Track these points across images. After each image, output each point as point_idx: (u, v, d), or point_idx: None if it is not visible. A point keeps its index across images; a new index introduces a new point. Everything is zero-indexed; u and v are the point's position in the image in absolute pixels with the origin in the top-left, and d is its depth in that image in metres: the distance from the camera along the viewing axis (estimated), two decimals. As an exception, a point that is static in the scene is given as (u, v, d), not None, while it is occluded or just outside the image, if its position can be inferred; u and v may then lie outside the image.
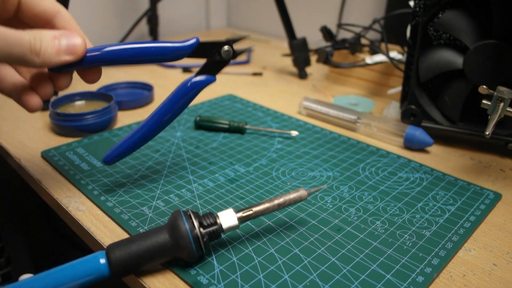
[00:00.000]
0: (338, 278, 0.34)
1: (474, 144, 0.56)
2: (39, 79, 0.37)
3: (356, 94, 0.73)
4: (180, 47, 0.39)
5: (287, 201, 0.36)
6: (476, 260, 0.37)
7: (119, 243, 0.32)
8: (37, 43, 0.32)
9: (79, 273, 0.30)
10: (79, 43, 0.34)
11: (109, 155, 0.42)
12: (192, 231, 0.32)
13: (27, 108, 0.37)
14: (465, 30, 0.50)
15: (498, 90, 0.44)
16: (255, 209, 0.35)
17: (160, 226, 0.33)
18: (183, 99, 0.41)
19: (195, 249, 0.32)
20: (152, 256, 0.32)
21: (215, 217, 0.34)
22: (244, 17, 1.26)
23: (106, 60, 0.37)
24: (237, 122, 0.57)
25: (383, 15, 0.88)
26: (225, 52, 0.41)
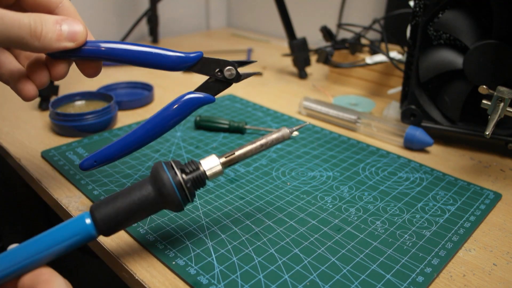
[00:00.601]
0: (338, 278, 0.34)
1: (474, 144, 0.56)
2: (35, 66, 0.36)
3: (356, 94, 0.73)
4: (181, 57, 0.37)
5: (269, 140, 0.35)
6: (476, 260, 0.37)
7: (103, 201, 0.31)
8: (38, 26, 0.31)
9: (65, 235, 0.29)
10: (80, 29, 0.34)
11: (86, 160, 0.39)
12: (174, 178, 0.31)
13: (22, 96, 0.36)
14: (465, 30, 0.50)
15: (498, 90, 0.44)
16: (237, 152, 0.34)
17: (142, 179, 0.33)
18: (175, 115, 0.38)
19: (180, 196, 0.32)
20: (137, 210, 0.31)
21: (198, 164, 0.33)
22: (244, 17, 1.26)
23: (105, 55, 0.36)
24: (237, 122, 0.57)
25: (383, 15, 0.88)
26: (227, 72, 0.39)
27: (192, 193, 0.33)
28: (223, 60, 0.38)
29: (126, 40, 1.05)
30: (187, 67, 0.38)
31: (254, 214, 0.41)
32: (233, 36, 1.16)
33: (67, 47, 0.34)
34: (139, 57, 0.36)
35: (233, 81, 0.39)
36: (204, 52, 0.37)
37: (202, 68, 0.38)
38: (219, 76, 0.39)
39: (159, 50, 0.37)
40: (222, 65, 0.38)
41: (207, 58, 0.38)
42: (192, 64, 0.38)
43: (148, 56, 0.36)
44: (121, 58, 0.36)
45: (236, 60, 0.39)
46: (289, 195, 0.44)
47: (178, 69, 0.37)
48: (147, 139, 0.39)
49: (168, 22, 1.15)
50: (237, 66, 0.39)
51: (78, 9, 0.37)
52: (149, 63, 0.37)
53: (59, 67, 0.36)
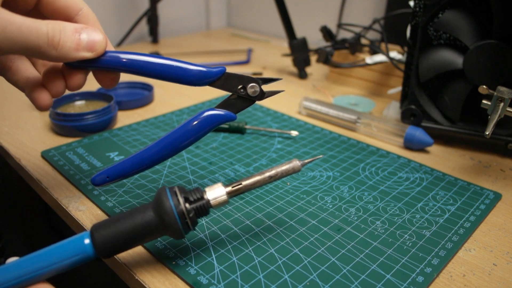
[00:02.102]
0: (338, 278, 0.34)
1: (474, 144, 0.56)
2: (51, 75, 0.35)
3: (356, 94, 0.73)
4: (203, 72, 0.35)
5: (279, 173, 0.33)
6: (476, 260, 0.37)
7: (104, 222, 0.31)
8: (56, 35, 0.30)
9: (64, 254, 0.29)
10: (100, 39, 0.33)
11: (99, 175, 0.37)
12: (177, 207, 0.31)
13: (36, 105, 0.35)
14: (465, 30, 0.50)
15: (498, 90, 0.44)
16: (244, 183, 0.33)
17: (145, 204, 0.32)
18: (194, 133, 0.36)
19: (181, 225, 0.31)
20: (137, 234, 0.31)
21: (202, 192, 0.32)
22: (244, 17, 1.26)
23: (124, 67, 0.35)
24: (237, 122, 0.57)
25: (383, 15, 0.88)
26: (251, 89, 0.37)
27: (194, 222, 0.32)
28: (247, 77, 0.37)
29: (126, 40, 1.05)
30: (208, 83, 0.36)
31: (254, 214, 0.41)
32: (233, 36, 1.16)
33: (85, 57, 0.33)
34: (160, 70, 0.35)
35: (257, 98, 0.37)
36: (204, 52, 0.35)
37: (225, 84, 0.36)
38: (241, 93, 0.37)
39: (180, 63, 0.35)
40: (245, 81, 0.37)
41: (230, 73, 0.36)
42: (214, 80, 0.36)
43: (169, 70, 0.35)
44: (140, 71, 0.35)
45: (260, 77, 0.37)
46: (289, 195, 0.44)
47: (200, 84, 0.36)
48: (164, 156, 0.37)
49: (168, 22, 1.15)
50: (261, 83, 0.37)
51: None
52: (170, 77, 0.35)
53: (76, 77, 0.35)
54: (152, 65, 0.35)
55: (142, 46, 1.02)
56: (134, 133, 0.57)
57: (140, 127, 0.59)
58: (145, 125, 0.59)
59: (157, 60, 0.35)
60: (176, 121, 0.61)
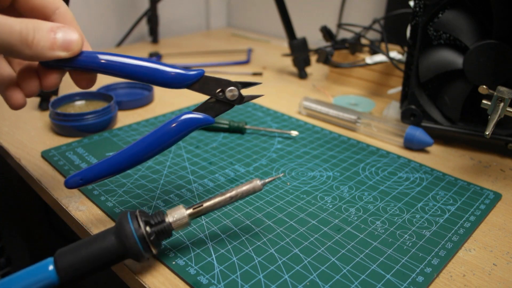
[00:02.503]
0: (338, 278, 0.34)
1: (474, 144, 0.56)
2: (26, 74, 0.34)
3: (356, 94, 0.73)
4: (181, 75, 0.35)
5: (239, 193, 0.34)
6: (476, 260, 0.37)
7: (68, 248, 0.31)
8: (30, 33, 0.30)
9: (28, 281, 0.29)
10: (76, 38, 0.33)
11: (72, 177, 0.36)
12: (137, 230, 0.31)
13: (9, 104, 0.35)
14: (465, 30, 0.50)
15: (498, 90, 0.44)
16: (205, 204, 0.34)
17: (107, 229, 0.33)
18: (171, 136, 0.36)
19: (142, 248, 0.31)
20: (100, 260, 0.31)
21: (164, 215, 0.33)
22: (244, 17, 1.26)
23: (101, 68, 0.34)
24: (237, 122, 0.57)
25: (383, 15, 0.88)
26: (229, 93, 0.37)
27: (156, 244, 0.33)
28: (226, 80, 0.36)
29: (126, 40, 1.05)
30: (186, 85, 0.36)
31: (254, 214, 0.41)
32: (233, 36, 1.16)
33: (60, 56, 0.32)
34: (137, 72, 0.35)
35: (235, 102, 0.37)
36: (204, 52, 0.34)
37: (203, 87, 0.36)
38: (220, 96, 0.37)
39: (158, 65, 0.35)
40: (224, 85, 0.36)
41: (208, 77, 0.36)
42: (192, 82, 0.36)
43: (146, 72, 0.35)
44: (117, 72, 0.35)
45: (239, 81, 0.37)
46: (289, 195, 0.44)
47: (177, 87, 0.36)
48: (140, 158, 0.36)
49: (168, 22, 1.15)
50: (240, 87, 0.37)
51: (78, 9, 0.36)
52: (147, 79, 0.35)
53: (51, 76, 0.34)
54: (129, 66, 0.34)
55: (142, 46, 1.02)
56: (134, 133, 0.57)
57: (140, 127, 0.59)
58: (145, 125, 0.59)
59: (134, 62, 0.35)
60: (176, 121, 0.61)
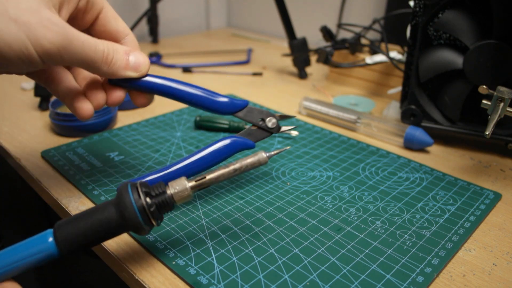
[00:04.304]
0: (338, 278, 0.34)
1: (474, 144, 0.56)
2: (94, 87, 0.38)
3: (356, 94, 0.73)
4: (229, 104, 0.40)
5: (244, 165, 0.33)
6: (476, 260, 0.37)
7: (67, 220, 0.31)
8: (110, 53, 0.34)
9: (27, 252, 0.30)
10: (145, 62, 0.37)
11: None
12: (137, 201, 0.30)
13: (79, 114, 0.38)
14: (465, 30, 0.50)
15: (498, 90, 0.44)
16: (208, 177, 0.33)
17: (107, 200, 0.32)
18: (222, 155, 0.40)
19: (142, 220, 0.31)
20: (99, 231, 0.31)
21: (165, 187, 0.32)
22: (244, 17, 1.26)
23: (160, 91, 0.39)
24: (237, 122, 0.57)
25: (383, 15, 0.88)
26: (269, 122, 0.41)
27: (157, 216, 0.32)
28: (266, 111, 0.42)
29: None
30: (233, 113, 0.41)
31: (254, 214, 0.41)
32: (233, 36, 1.16)
33: (131, 76, 0.37)
34: (191, 99, 0.39)
35: (274, 131, 0.42)
36: (204, 52, 0.37)
37: (247, 115, 0.41)
38: (261, 125, 0.41)
39: (208, 94, 0.40)
40: (265, 115, 0.41)
41: (251, 107, 0.41)
42: (237, 111, 0.41)
43: (199, 99, 0.39)
44: (174, 96, 0.39)
45: (278, 113, 0.42)
46: (289, 195, 0.44)
47: (225, 114, 0.40)
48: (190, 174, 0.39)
49: (168, 22, 1.15)
50: (278, 118, 0.42)
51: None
52: (199, 105, 0.40)
53: (117, 93, 0.38)
54: (184, 93, 0.39)
55: (142, 46, 1.02)
56: (134, 133, 0.57)
57: (140, 127, 0.59)
58: (145, 125, 0.59)
59: (190, 90, 0.39)
60: (176, 121, 0.61)
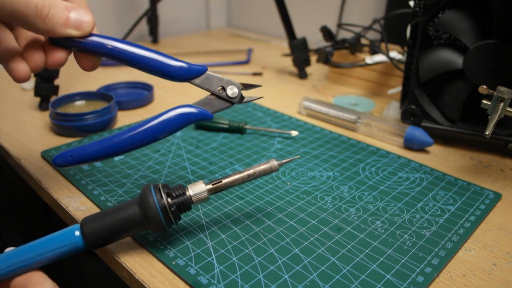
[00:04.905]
0: (338, 278, 0.34)
1: (474, 144, 0.56)
2: (32, 47, 0.35)
3: (356, 94, 0.73)
4: (184, 68, 0.36)
5: (257, 172, 0.36)
6: (476, 260, 0.37)
7: (93, 216, 0.33)
8: (45, 7, 0.31)
9: (56, 244, 0.32)
10: (89, 20, 0.34)
11: (61, 155, 0.36)
12: (160, 201, 0.33)
13: (14, 75, 0.35)
14: (465, 30, 0.50)
15: (498, 90, 0.44)
16: (225, 181, 0.35)
17: (131, 199, 0.34)
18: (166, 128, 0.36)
19: (163, 219, 0.33)
20: (123, 228, 0.33)
21: (185, 189, 0.35)
22: (244, 17, 1.26)
23: (107, 52, 0.35)
24: (237, 122, 0.57)
25: (383, 15, 0.88)
26: (230, 91, 0.38)
27: (176, 216, 0.34)
28: (227, 79, 0.38)
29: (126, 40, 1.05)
30: (188, 79, 0.37)
31: (254, 214, 0.41)
32: (233, 36, 1.16)
33: (72, 34, 0.33)
34: (141, 61, 0.36)
35: (235, 101, 0.38)
36: (204, 52, 0.35)
37: (204, 82, 0.37)
38: (221, 93, 0.38)
39: (162, 57, 0.36)
40: (225, 83, 0.38)
41: (211, 74, 0.37)
42: (194, 77, 0.37)
43: (150, 62, 0.36)
44: (122, 58, 0.35)
45: (241, 83, 0.38)
46: (289, 195, 0.44)
47: (179, 80, 0.37)
48: (132, 146, 0.36)
49: (168, 22, 1.15)
50: (241, 87, 0.38)
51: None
52: (150, 69, 0.36)
53: (58, 54, 0.35)
54: (134, 55, 0.35)
55: (142, 46, 1.02)
56: (134, 133, 0.57)
57: (140, 127, 0.59)
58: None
59: (140, 51, 0.35)
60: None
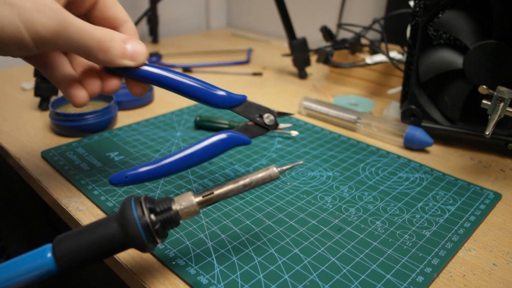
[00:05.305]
0: (338, 278, 0.34)
1: (474, 144, 0.56)
2: (90, 75, 0.37)
3: (356, 94, 0.73)
4: (227, 98, 0.39)
5: (254, 181, 0.31)
6: (476, 260, 0.37)
7: (67, 234, 0.29)
8: (107, 41, 0.33)
9: (25, 268, 0.28)
10: (143, 51, 0.36)
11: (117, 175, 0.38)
12: (141, 218, 0.29)
13: (74, 101, 0.37)
14: (465, 30, 0.50)
15: (498, 90, 0.44)
16: (216, 192, 0.31)
17: (110, 215, 0.30)
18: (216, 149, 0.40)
19: (145, 238, 0.29)
20: (100, 248, 0.29)
21: (171, 202, 0.31)
22: (244, 17, 1.26)
23: (157, 81, 0.37)
24: (237, 122, 0.57)
25: (383, 15, 0.88)
26: (267, 119, 0.41)
27: (161, 234, 0.30)
28: (264, 107, 0.41)
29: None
30: (231, 107, 0.40)
31: (254, 214, 0.41)
32: (233, 36, 1.16)
33: (128, 65, 0.35)
34: (189, 91, 0.38)
35: (271, 128, 0.41)
36: (204, 52, 0.36)
37: (245, 110, 0.41)
38: (259, 121, 0.41)
39: (208, 87, 0.39)
40: (263, 111, 0.41)
41: (250, 102, 0.41)
42: (235, 105, 0.40)
43: (198, 92, 0.38)
44: (171, 87, 0.38)
45: (276, 111, 0.42)
46: (289, 195, 0.44)
47: (222, 108, 0.40)
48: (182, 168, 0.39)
49: (168, 22, 1.15)
50: (276, 115, 0.42)
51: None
52: (197, 98, 0.39)
53: (113, 81, 0.37)
54: (182, 85, 0.38)
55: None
56: (134, 133, 0.57)
57: (140, 127, 0.59)
58: (145, 125, 0.59)
59: (188, 81, 0.38)
60: (176, 121, 0.61)
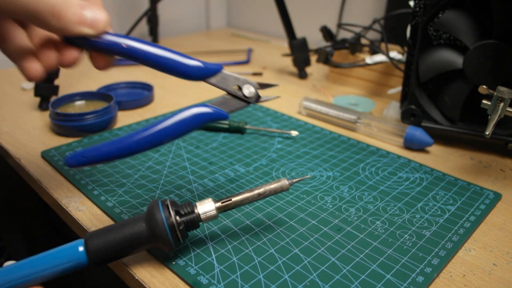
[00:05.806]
0: (338, 278, 0.34)
1: (474, 144, 0.56)
2: (46, 46, 0.34)
3: (356, 94, 0.73)
4: (200, 67, 0.35)
5: (267, 191, 0.35)
6: (476, 260, 0.37)
7: (98, 231, 0.32)
8: (62, 6, 0.30)
9: (58, 260, 0.31)
10: (103, 18, 0.33)
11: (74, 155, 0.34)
12: (168, 219, 0.32)
13: (26, 74, 0.34)
14: (465, 30, 0.50)
15: (498, 90, 0.44)
16: (234, 199, 0.35)
17: (138, 215, 0.33)
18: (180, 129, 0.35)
19: (171, 237, 0.32)
20: (129, 245, 0.32)
21: (193, 206, 0.34)
22: (244, 17, 1.26)
23: (122, 51, 0.34)
24: (237, 122, 0.57)
25: (383, 15, 0.88)
26: (247, 90, 0.37)
27: (184, 235, 0.33)
28: (244, 78, 0.37)
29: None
30: (205, 78, 0.36)
31: (254, 214, 0.41)
32: (233, 36, 1.16)
33: (86, 33, 0.32)
34: (157, 60, 0.34)
35: (252, 100, 0.37)
36: (204, 52, 0.34)
37: (220, 81, 0.36)
38: (237, 93, 0.37)
39: (179, 56, 0.35)
40: (242, 82, 0.37)
41: (227, 73, 0.36)
42: (210, 75, 0.36)
43: (166, 61, 0.35)
44: (137, 57, 0.34)
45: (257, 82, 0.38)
46: (289, 195, 0.44)
47: (195, 79, 0.35)
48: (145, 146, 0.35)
49: (168, 22, 1.15)
50: (257, 86, 0.37)
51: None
52: (166, 68, 0.35)
53: (71, 53, 0.34)
54: (150, 54, 0.34)
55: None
56: (134, 133, 0.57)
57: (140, 127, 0.59)
58: (145, 125, 0.59)
59: (156, 51, 0.34)
60: (176, 121, 0.61)
